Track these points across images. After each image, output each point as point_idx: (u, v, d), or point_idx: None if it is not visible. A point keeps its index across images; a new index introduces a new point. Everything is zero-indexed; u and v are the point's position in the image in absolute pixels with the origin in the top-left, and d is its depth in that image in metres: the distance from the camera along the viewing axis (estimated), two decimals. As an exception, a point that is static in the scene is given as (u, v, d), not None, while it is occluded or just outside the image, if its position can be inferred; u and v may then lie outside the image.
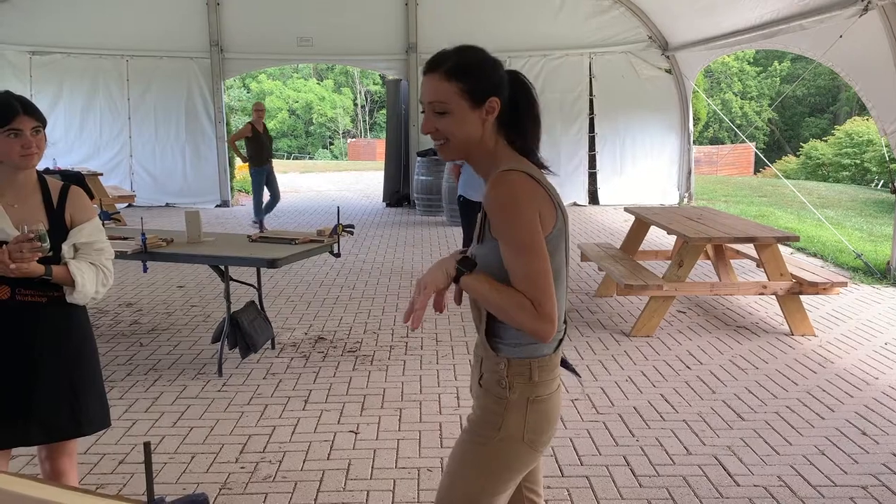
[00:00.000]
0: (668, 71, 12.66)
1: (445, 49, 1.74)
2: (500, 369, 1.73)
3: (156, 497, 1.34)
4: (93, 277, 2.47)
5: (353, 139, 39.67)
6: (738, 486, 3.30)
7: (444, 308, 1.82)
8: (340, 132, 40.92)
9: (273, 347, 5.21)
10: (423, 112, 1.76)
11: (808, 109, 35.36)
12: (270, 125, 38.84)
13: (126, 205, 11.44)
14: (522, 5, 12.35)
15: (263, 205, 10.30)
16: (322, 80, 40.89)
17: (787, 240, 5.77)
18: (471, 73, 1.69)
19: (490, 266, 1.70)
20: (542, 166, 1.78)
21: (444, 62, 1.70)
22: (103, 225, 6.48)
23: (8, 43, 12.11)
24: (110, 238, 4.88)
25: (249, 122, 10.08)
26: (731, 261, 6.81)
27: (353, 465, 3.49)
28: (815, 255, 8.66)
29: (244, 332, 4.70)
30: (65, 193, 2.51)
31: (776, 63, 34.91)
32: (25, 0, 12.03)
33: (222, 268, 4.71)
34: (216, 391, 4.42)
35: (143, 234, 4.62)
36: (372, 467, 3.46)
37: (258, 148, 10.05)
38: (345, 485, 3.30)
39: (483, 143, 1.74)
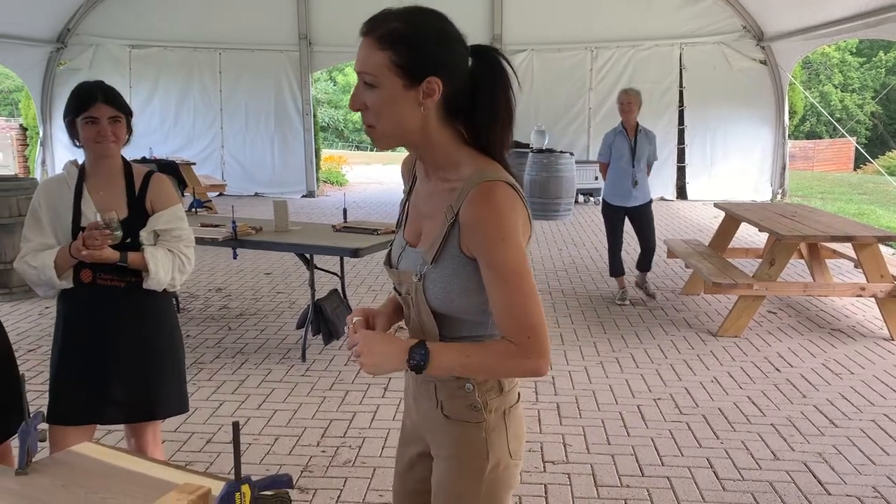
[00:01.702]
0: (763, 62, 12.18)
1: (390, 8, 1.40)
2: (468, 392, 1.51)
3: (242, 476, 1.38)
4: (168, 264, 2.51)
5: (436, 131, 39.79)
6: (830, 495, 3.15)
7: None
8: (424, 124, 41.12)
9: (354, 335, 5.29)
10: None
11: (916, 102, 33.38)
12: (354, 118, 39.50)
13: (217, 193, 11.84)
14: (612, -4, 12.11)
15: None
16: (407, 73, 41.17)
17: (890, 239, 5.47)
18: (408, 42, 1.36)
19: (450, 292, 1.45)
20: (514, 176, 1.45)
21: (381, 25, 1.38)
22: (196, 213, 6.70)
23: (110, 37, 12.71)
24: (203, 225, 5.08)
25: None
26: (827, 260, 6.50)
27: (430, 454, 3.51)
28: (919, 257, 8.19)
29: (327, 319, 4.79)
30: (147, 180, 2.57)
31: (881, 53, 33.06)
32: (127, -4, 12.61)
33: (308, 256, 4.82)
34: (300, 376, 4.53)
35: (234, 222, 4.78)
36: (449, 457, 3.47)
37: None
38: (422, 473, 3.33)
39: (427, 136, 1.42)
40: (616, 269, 6.37)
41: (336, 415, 3.96)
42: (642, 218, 6.26)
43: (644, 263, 6.42)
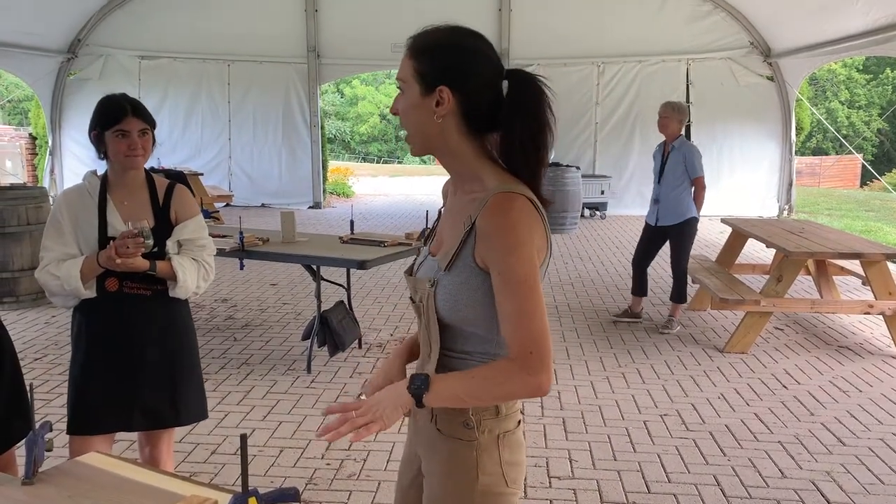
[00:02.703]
0: (770, 78, 12.19)
1: (433, 25, 1.50)
2: (463, 409, 1.50)
3: (249, 488, 1.37)
4: (194, 273, 2.57)
5: (443, 144, 39.92)
6: (838, 514, 3.12)
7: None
8: (430, 137, 41.26)
9: (360, 347, 5.29)
10: None
11: (923, 120, 33.33)
12: (361, 129, 39.71)
13: (224, 204, 11.88)
14: (619, 11, 12.14)
15: None
16: (414, 86, 41.37)
17: (898, 257, 5.44)
18: (428, 53, 1.44)
19: (457, 298, 1.45)
20: (543, 200, 1.48)
21: (417, 38, 1.47)
22: (203, 223, 6.66)
23: (120, 48, 12.79)
24: (210, 236, 5.09)
25: None
26: (835, 277, 6.48)
27: (435, 468, 3.49)
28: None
29: (333, 330, 4.79)
30: (170, 191, 2.62)
31: (888, 70, 33.07)
32: (137, 7, 12.68)
33: (314, 267, 4.82)
34: (305, 387, 4.52)
35: (241, 233, 4.79)
36: (454, 472, 3.45)
37: None
38: (427, 487, 3.31)
39: (447, 144, 1.47)
40: (632, 286, 6.15)
41: (341, 427, 3.94)
42: (670, 239, 5.90)
43: (672, 292, 5.97)
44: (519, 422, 1.56)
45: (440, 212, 1.64)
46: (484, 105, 1.45)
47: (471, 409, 1.49)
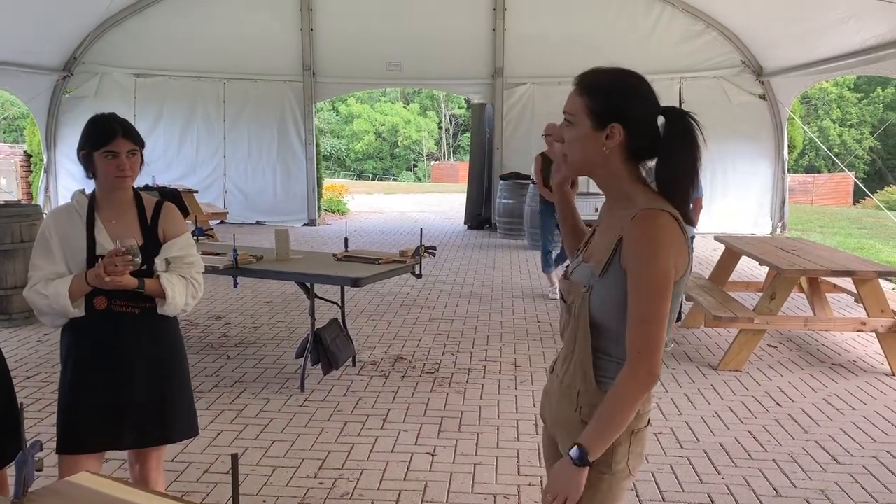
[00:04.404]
0: (762, 97, 12.29)
1: (595, 67, 1.74)
2: None
3: (240, 508, 1.36)
4: (183, 290, 2.57)
5: (437, 162, 40.10)
6: (833, 533, 3.11)
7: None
8: (424, 155, 41.45)
9: (354, 365, 5.28)
10: None
11: (914, 138, 33.58)
12: (357, 147, 39.83)
13: (219, 221, 11.87)
14: (611, 31, 12.26)
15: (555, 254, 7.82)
16: (408, 104, 41.59)
17: (890, 274, 5.48)
18: (600, 93, 1.68)
19: (607, 301, 1.67)
20: (689, 220, 1.70)
21: (588, 77, 1.71)
22: (197, 240, 6.73)
23: (116, 66, 12.83)
24: (204, 253, 5.09)
25: None
26: (828, 295, 6.50)
27: (429, 487, 3.48)
28: (919, 292, 8.18)
29: (327, 348, 4.78)
30: (158, 209, 2.63)
31: (879, 89, 33.35)
32: (133, 26, 12.74)
33: (308, 285, 4.82)
34: (298, 406, 4.51)
35: (235, 251, 4.78)
36: (448, 491, 3.45)
37: None
38: (420, 507, 3.29)
39: (609, 170, 1.70)
40: None
41: (334, 446, 3.93)
42: None
43: None
44: (648, 421, 1.80)
45: (595, 228, 1.87)
46: (645, 138, 1.68)
47: None
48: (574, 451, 1.63)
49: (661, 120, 1.70)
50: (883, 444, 4.06)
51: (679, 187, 1.68)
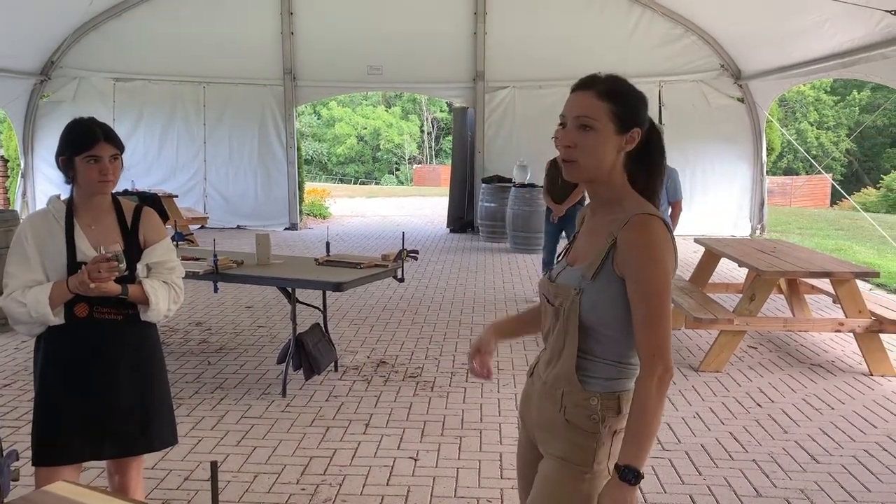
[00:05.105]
0: (741, 100, 12.40)
1: (598, 73, 1.77)
2: (592, 404, 1.75)
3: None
4: (166, 296, 2.55)
5: (419, 165, 40.11)
6: (813, 532, 3.14)
7: (491, 374, 2.01)
8: (406, 158, 41.44)
9: (336, 370, 5.26)
10: (561, 126, 1.77)
11: (890, 140, 34.06)
12: (338, 151, 39.74)
13: (199, 226, 11.78)
14: (592, 34, 12.31)
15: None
16: (390, 107, 41.59)
17: (866, 275, 5.54)
18: (625, 99, 1.73)
19: (598, 304, 1.72)
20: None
21: (599, 83, 1.74)
22: (177, 245, 6.66)
23: (94, 70, 12.70)
24: (184, 259, 5.04)
25: None
26: (806, 296, 6.57)
27: (412, 492, 3.47)
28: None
29: (309, 353, 4.76)
30: (138, 214, 2.60)
31: (855, 92, 33.83)
32: (111, 30, 12.62)
33: (290, 290, 4.79)
34: (280, 411, 4.48)
35: (215, 256, 4.75)
36: (431, 495, 3.44)
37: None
38: (403, 511, 3.28)
39: (611, 173, 1.76)
40: None
41: (316, 452, 3.91)
42: None
43: None
44: None
45: (576, 234, 1.94)
46: (642, 143, 1.76)
47: (598, 404, 1.74)
48: (629, 474, 1.66)
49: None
50: (861, 442, 4.11)
51: (657, 191, 1.80)
